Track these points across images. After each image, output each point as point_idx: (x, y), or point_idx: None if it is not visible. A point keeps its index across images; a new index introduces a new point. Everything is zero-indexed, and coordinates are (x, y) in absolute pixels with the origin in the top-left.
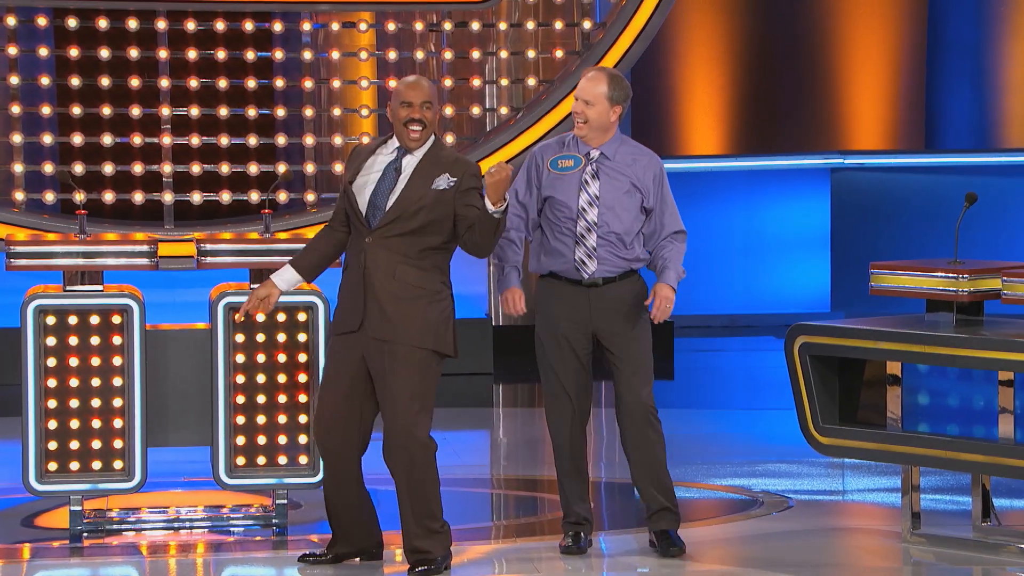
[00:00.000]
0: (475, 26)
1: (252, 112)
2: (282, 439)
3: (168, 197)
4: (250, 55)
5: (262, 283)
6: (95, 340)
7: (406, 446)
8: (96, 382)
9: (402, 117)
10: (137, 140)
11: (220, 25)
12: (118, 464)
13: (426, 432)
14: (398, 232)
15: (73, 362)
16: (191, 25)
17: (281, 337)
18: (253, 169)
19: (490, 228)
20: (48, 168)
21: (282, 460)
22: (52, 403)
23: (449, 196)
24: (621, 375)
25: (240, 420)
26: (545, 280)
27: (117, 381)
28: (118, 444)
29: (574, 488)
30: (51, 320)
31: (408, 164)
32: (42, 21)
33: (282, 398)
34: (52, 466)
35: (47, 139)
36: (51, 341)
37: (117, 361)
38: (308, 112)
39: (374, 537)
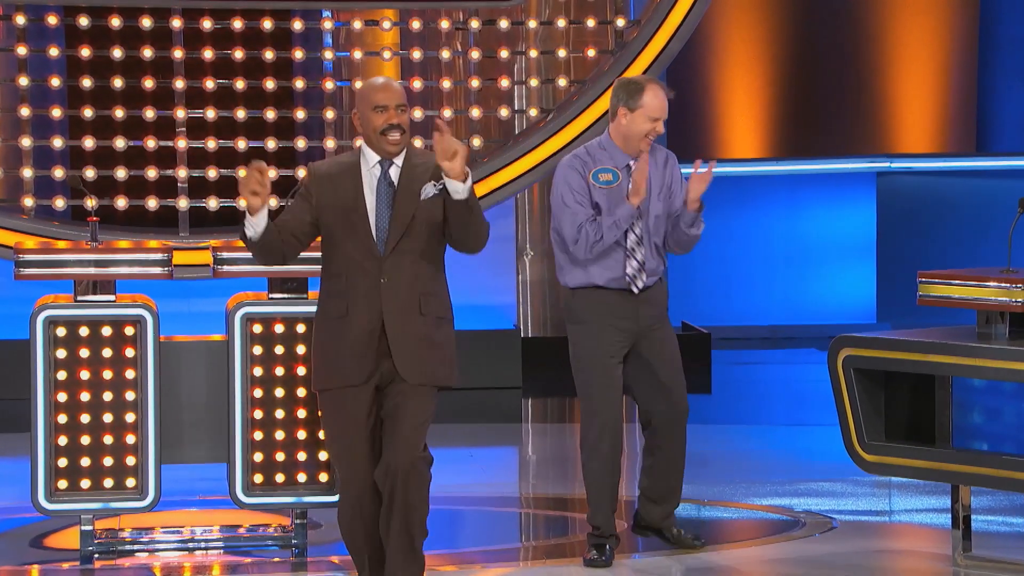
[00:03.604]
0: (503, 24)
1: (271, 114)
2: (301, 456)
3: (183, 203)
4: (269, 55)
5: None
6: (107, 352)
7: (407, 471)
8: (108, 396)
9: (379, 125)
10: (151, 143)
11: (237, 23)
12: (131, 482)
13: (425, 462)
14: (409, 254)
15: (84, 375)
16: (207, 24)
17: (300, 349)
18: (272, 174)
19: (464, 215)
20: (58, 173)
21: (301, 478)
22: (62, 418)
23: (439, 202)
24: (663, 380)
25: (258, 436)
26: (587, 291)
27: (130, 395)
28: (131, 461)
29: (610, 502)
30: (61, 331)
31: (395, 175)
32: (52, 20)
33: (301, 413)
34: (62, 484)
35: (57, 142)
36: (61, 353)
37: (130, 374)
38: (329, 114)
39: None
